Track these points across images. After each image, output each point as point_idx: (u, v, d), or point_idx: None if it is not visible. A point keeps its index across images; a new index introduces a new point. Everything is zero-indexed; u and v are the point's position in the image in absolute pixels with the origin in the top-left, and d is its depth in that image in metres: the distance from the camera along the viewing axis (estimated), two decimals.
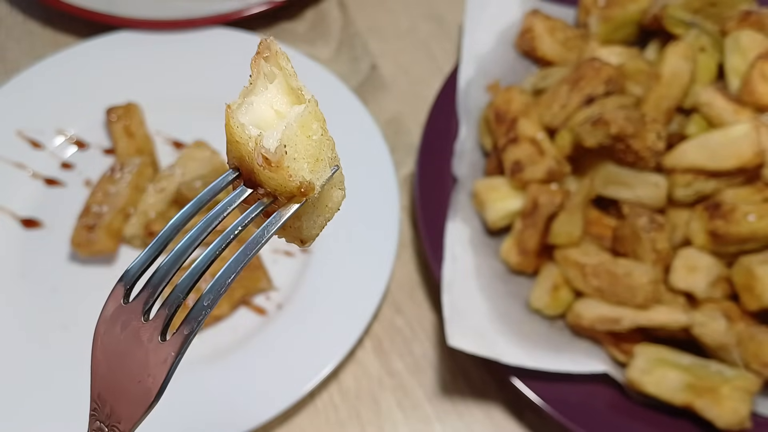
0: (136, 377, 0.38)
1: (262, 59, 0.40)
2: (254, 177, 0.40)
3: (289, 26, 1.25)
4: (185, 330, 0.38)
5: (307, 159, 0.39)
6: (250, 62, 0.41)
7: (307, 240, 0.44)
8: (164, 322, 0.38)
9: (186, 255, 0.39)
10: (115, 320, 0.39)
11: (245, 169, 0.40)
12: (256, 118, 0.40)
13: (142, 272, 0.39)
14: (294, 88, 0.40)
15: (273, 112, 0.40)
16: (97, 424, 0.38)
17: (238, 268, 0.39)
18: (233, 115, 0.39)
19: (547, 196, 0.89)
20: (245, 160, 0.39)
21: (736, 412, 0.78)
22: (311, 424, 0.90)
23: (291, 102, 0.41)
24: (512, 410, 0.92)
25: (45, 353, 0.91)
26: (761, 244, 0.83)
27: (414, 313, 0.98)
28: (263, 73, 0.41)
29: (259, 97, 0.40)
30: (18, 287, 0.97)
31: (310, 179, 0.39)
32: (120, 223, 0.98)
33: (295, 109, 0.40)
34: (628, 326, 0.83)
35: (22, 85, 1.11)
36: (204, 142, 1.05)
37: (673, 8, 0.97)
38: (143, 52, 1.15)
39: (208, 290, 0.38)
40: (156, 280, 0.39)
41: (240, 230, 0.39)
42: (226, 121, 0.39)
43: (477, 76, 1.04)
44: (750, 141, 0.83)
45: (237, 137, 0.39)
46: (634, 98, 0.94)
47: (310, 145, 0.39)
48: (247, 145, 0.39)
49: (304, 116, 0.39)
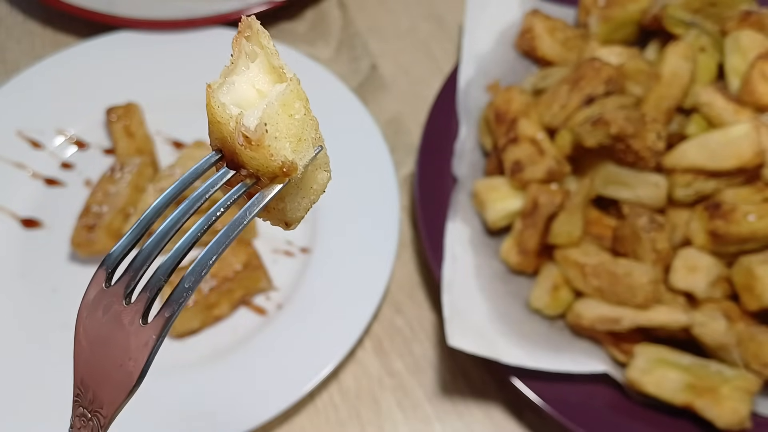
0: (118, 361, 0.37)
1: (243, 38, 0.40)
2: (236, 158, 0.39)
3: (289, 26, 1.25)
4: (166, 312, 0.37)
5: (289, 138, 0.38)
6: (231, 41, 0.40)
7: (291, 222, 0.43)
8: (145, 305, 0.38)
9: (168, 237, 0.38)
10: (97, 304, 0.38)
11: (227, 150, 0.39)
12: (238, 98, 0.39)
13: (124, 256, 0.39)
14: (276, 66, 0.40)
15: (255, 91, 0.40)
16: (80, 410, 0.38)
17: (220, 250, 0.38)
18: (214, 94, 0.39)
19: (547, 196, 0.89)
20: (227, 140, 0.39)
21: (736, 412, 0.78)
22: (311, 424, 0.90)
23: (273, 81, 0.40)
24: (512, 410, 0.92)
25: (45, 353, 0.91)
26: (761, 244, 0.83)
27: (414, 313, 0.98)
28: (244, 53, 0.40)
29: (240, 77, 0.40)
30: (18, 287, 0.97)
31: (292, 159, 0.38)
32: (120, 223, 0.98)
33: (276, 88, 0.39)
34: (628, 326, 0.83)
35: (22, 85, 1.11)
36: (204, 142, 1.05)
37: (673, 8, 0.97)
38: (143, 52, 1.15)
39: (190, 272, 0.38)
40: (137, 263, 0.38)
41: (222, 212, 0.39)
42: (207, 100, 0.39)
43: (477, 76, 1.04)
44: (750, 141, 0.83)
45: (218, 117, 0.38)
46: (634, 98, 0.94)
47: (292, 125, 0.38)
48: (228, 124, 0.38)
49: (285, 95, 0.38)
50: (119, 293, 0.38)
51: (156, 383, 0.36)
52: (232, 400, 0.87)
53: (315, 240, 0.99)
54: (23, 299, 0.96)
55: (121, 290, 0.38)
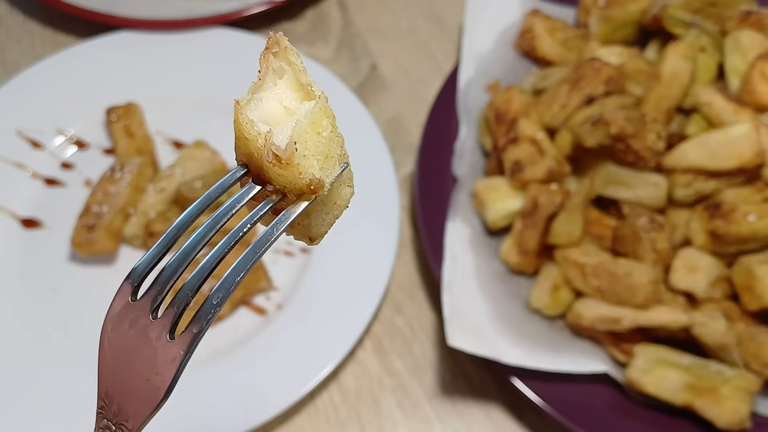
0: (144, 375, 0.37)
1: (271, 54, 0.40)
2: (263, 174, 0.39)
3: (289, 26, 1.25)
4: (194, 329, 0.37)
5: (316, 156, 0.38)
6: (259, 57, 0.40)
7: (315, 237, 0.43)
8: (173, 320, 0.38)
9: (194, 253, 0.39)
10: (122, 318, 0.38)
11: (254, 166, 0.39)
12: (265, 115, 0.39)
13: (150, 270, 0.39)
14: (304, 84, 0.40)
15: (282, 108, 0.40)
16: (104, 422, 0.38)
17: (247, 267, 0.38)
18: (242, 111, 0.39)
19: (547, 196, 0.89)
20: (254, 156, 0.39)
21: (736, 412, 0.78)
22: (311, 424, 0.90)
23: (300, 98, 0.40)
24: (512, 410, 0.92)
25: (45, 353, 0.91)
26: (761, 244, 0.83)
27: (414, 313, 0.98)
28: (272, 69, 0.40)
29: (268, 93, 0.40)
30: (18, 287, 0.97)
31: (320, 177, 0.38)
32: (120, 223, 0.98)
33: (305, 106, 0.39)
34: (628, 326, 0.83)
35: (22, 85, 1.11)
36: (204, 142, 1.05)
37: (673, 8, 0.97)
38: (143, 52, 1.15)
39: (217, 289, 0.38)
40: (164, 278, 0.38)
41: (248, 228, 0.39)
42: (235, 117, 0.39)
43: (477, 76, 1.04)
44: (750, 141, 0.83)
45: (246, 133, 0.38)
46: (634, 98, 0.94)
47: (320, 142, 0.39)
48: (256, 141, 0.38)
49: (314, 113, 0.39)
50: (146, 307, 0.38)
51: None
52: (232, 400, 0.87)
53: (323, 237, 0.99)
54: (23, 299, 0.96)
55: (148, 304, 0.38)
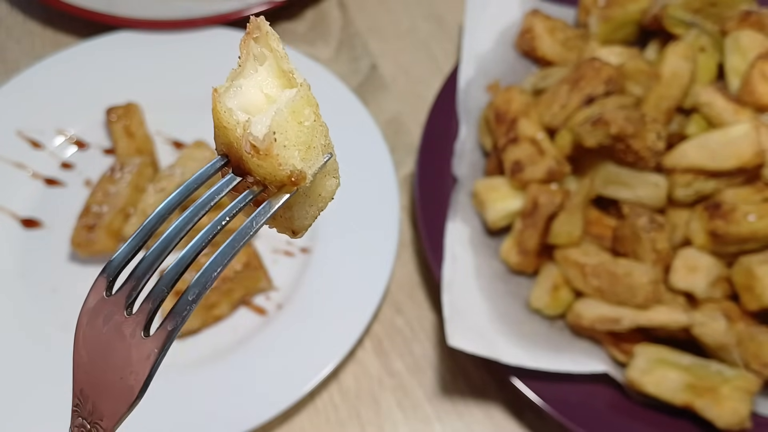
0: (119, 373, 0.36)
1: (252, 40, 0.39)
2: (243, 164, 0.38)
3: (289, 26, 1.25)
4: (168, 326, 0.36)
5: (298, 146, 0.37)
6: (239, 43, 0.39)
7: (298, 230, 0.42)
8: (147, 316, 0.36)
9: (171, 246, 0.37)
10: (97, 313, 0.37)
11: (234, 156, 0.38)
12: (245, 103, 0.38)
13: (126, 263, 0.38)
14: (285, 70, 0.38)
15: (263, 96, 0.38)
16: (79, 420, 0.37)
17: (225, 261, 0.37)
18: (220, 99, 0.37)
19: (547, 196, 0.89)
20: (233, 146, 0.37)
21: (736, 412, 0.78)
22: (311, 424, 0.90)
23: (282, 85, 0.38)
24: (512, 410, 0.92)
25: (45, 353, 0.91)
26: (761, 244, 0.83)
27: (414, 313, 0.98)
28: (253, 55, 0.39)
29: (248, 80, 0.38)
30: (18, 287, 0.97)
31: (301, 168, 0.37)
32: (120, 223, 0.98)
33: (286, 94, 0.38)
34: (628, 326, 0.83)
35: (22, 85, 1.11)
36: (204, 142, 1.05)
37: (673, 8, 0.97)
38: (143, 52, 1.15)
39: (194, 284, 0.36)
40: (140, 272, 0.37)
41: (228, 220, 0.37)
42: (213, 105, 0.37)
43: (477, 76, 1.04)
44: (750, 141, 0.83)
45: (224, 122, 0.37)
46: (634, 98, 0.94)
47: (301, 132, 0.37)
48: (235, 130, 0.37)
49: (295, 101, 0.37)
50: (120, 303, 0.37)
51: (156, 383, 0.36)
52: (232, 400, 0.87)
53: (315, 240, 0.99)
54: (23, 299, 0.96)
55: (123, 300, 0.37)
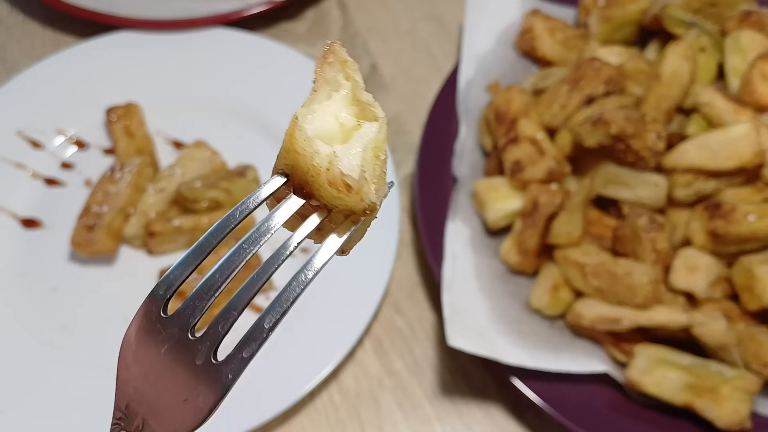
0: (182, 395, 0.35)
1: (327, 65, 0.38)
2: (308, 188, 0.37)
3: (289, 26, 1.25)
4: (244, 353, 0.35)
5: (374, 180, 0.37)
6: (315, 68, 0.39)
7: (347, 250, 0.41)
8: (218, 340, 0.36)
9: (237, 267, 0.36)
10: (153, 332, 0.36)
11: (298, 179, 0.37)
12: (319, 129, 0.38)
13: (182, 283, 0.37)
14: (362, 101, 0.38)
15: (337, 124, 0.38)
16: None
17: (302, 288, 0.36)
18: (300, 126, 0.37)
19: (547, 196, 0.89)
20: (301, 170, 0.37)
21: (736, 412, 0.78)
22: (311, 424, 0.91)
23: (355, 114, 0.39)
24: (512, 410, 0.92)
25: (45, 353, 0.91)
26: (761, 244, 0.83)
27: (414, 313, 0.98)
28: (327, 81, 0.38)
29: (322, 107, 0.38)
30: (18, 287, 0.97)
31: (374, 200, 0.37)
32: (120, 223, 0.98)
33: (368, 128, 0.38)
34: (628, 326, 0.83)
35: (22, 85, 1.11)
36: (204, 142, 1.05)
37: (673, 8, 0.97)
38: (143, 52, 1.15)
39: (268, 311, 0.35)
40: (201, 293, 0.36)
41: (296, 246, 0.37)
42: (291, 131, 0.37)
43: (477, 76, 1.04)
44: (750, 141, 0.83)
45: (299, 148, 0.36)
46: (634, 98, 0.94)
47: (377, 166, 0.37)
48: (311, 158, 0.36)
49: (379, 137, 0.37)
50: (180, 324, 0.36)
51: None
52: (232, 400, 0.86)
53: None
54: (23, 299, 0.96)
55: (185, 321, 0.36)
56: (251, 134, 1.08)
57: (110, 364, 1.00)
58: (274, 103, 1.10)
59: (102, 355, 0.92)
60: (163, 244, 0.98)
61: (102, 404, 0.87)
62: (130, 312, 1.06)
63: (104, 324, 0.94)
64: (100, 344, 0.93)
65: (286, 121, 0.37)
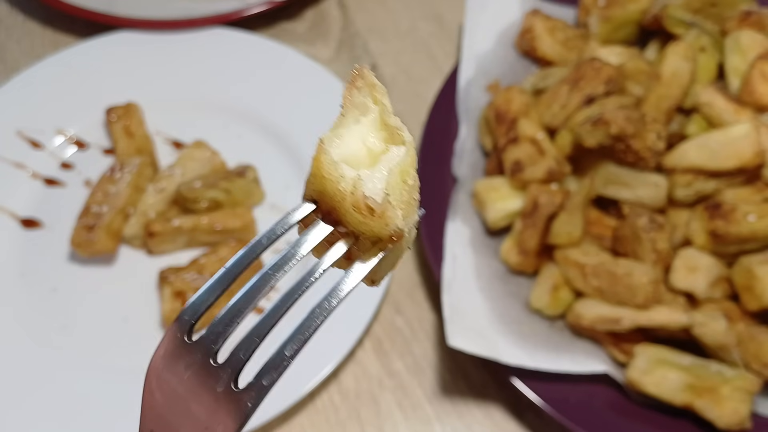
0: (203, 423, 0.35)
1: (355, 89, 0.38)
2: (335, 214, 0.37)
3: (289, 26, 1.25)
4: (265, 381, 0.35)
5: (401, 205, 0.37)
6: (343, 93, 0.38)
7: (377, 280, 0.41)
8: (239, 367, 0.35)
9: (262, 293, 0.36)
10: (177, 357, 0.36)
11: (325, 205, 0.37)
12: (347, 154, 0.37)
13: (207, 308, 0.36)
14: (390, 126, 0.38)
15: (365, 149, 0.38)
16: None
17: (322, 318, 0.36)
18: (327, 150, 0.36)
19: (547, 196, 0.89)
20: (328, 196, 0.36)
21: (736, 412, 0.78)
22: (311, 424, 0.90)
23: (383, 138, 0.38)
24: (512, 410, 0.92)
25: (45, 353, 0.91)
26: (761, 244, 0.83)
27: (414, 313, 0.98)
28: (356, 105, 0.38)
29: (349, 131, 0.38)
30: (18, 287, 0.97)
31: (401, 226, 0.36)
32: (120, 223, 0.98)
33: (395, 153, 0.37)
34: (628, 326, 0.83)
35: (22, 85, 1.11)
36: (204, 142, 1.05)
37: (673, 8, 0.97)
38: (143, 52, 1.15)
39: (290, 339, 0.35)
40: (225, 319, 0.36)
41: (322, 273, 0.37)
42: (317, 155, 0.36)
43: (477, 76, 1.04)
44: (750, 141, 0.83)
45: (326, 173, 0.36)
46: (634, 98, 0.94)
47: (405, 191, 0.37)
48: (337, 183, 0.36)
49: (405, 162, 0.37)
50: (204, 350, 0.36)
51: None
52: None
53: None
54: (23, 299, 0.96)
55: (206, 347, 0.36)
56: (251, 134, 1.08)
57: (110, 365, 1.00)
58: (274, 103, 1.10)
59: (102, 356, 0.92)
60: (162, 244, 0.98)
61: (102, 404, 0.88)
62: (130, 312, 1.07)
63: (104, 324, 0.94)
64: (100, 344, 0.93)
65: (286, 121, 0.37)
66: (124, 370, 0.90)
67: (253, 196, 1.02)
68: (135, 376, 0.89)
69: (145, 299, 0.96)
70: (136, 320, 0.94)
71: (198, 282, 0.92)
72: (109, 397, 0.88)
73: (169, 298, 0.91)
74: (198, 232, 0.98)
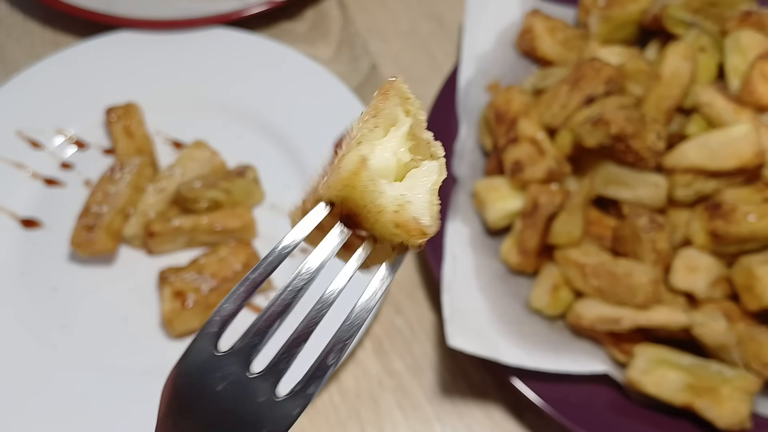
0: None
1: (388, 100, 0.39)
2: (356, 219, 0.37)
3: (289, 26, 1.25)
4: (309, 389, 0.35)
5: (430, 213, 0.38)
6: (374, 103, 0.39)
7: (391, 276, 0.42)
8: (280, 377, 0.36)
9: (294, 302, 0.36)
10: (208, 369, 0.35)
11: (347, 209, 0.37)
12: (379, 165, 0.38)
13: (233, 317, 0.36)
14: (423, 139, 0.39)
15: (395, 160, 0.38)
16: None
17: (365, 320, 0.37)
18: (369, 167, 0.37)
19: (547, 196, 0.89)
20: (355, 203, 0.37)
21: (736, 412, 0.78)
22: (311, 424, 0.90)
23: (410, 149, 0.39)
24: (512, 410, 0.92)
25: (45, 353, 0.91)
26: (761, 244, 0.83)
27: (414, 313, 0.98)
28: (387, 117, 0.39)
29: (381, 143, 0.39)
30: (18, 287, 0.97)
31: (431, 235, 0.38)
32: (120, 224, 0.98)
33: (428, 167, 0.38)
34: (628, 326, 0.83)
35: (22, 85, 1.11)
36: (204, 142, 1.05)
37: (673, 8, 0.97)
38: (143, 52, 1.15)
39: (331, 349, 0.36)
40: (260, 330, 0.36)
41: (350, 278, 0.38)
42: (356, 170, 0.37)
43: (477, 76, 1.04)
44: (750, 141, 0.83)
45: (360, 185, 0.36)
46: (634, 98, 0.94)
47: (435, 206, 0.38)
48: (373, 197, 0.36)
49: (440, 178, 0.38)
50: (238, 361, 0.35)
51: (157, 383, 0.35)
52: None
53: None
54: (23, 299, 0.96)
55: (245, 359, 0.36)
56: (251, 134, 1.08)
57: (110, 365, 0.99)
58: (273, 103, 1.10)
59: (102, 356, 0.92)
60: (162, 244, 0.98)
61: (102, 404, 0.88)
62: (129, 312, 1.07)
63: (104, 324, 0.94)
64: (100, 344, 0.93)
65: (286, 121, 0.37)
66: (124, 370, 0.90)
67: (253, 196, 1.02)
68: (135, 376, 0.90)
69: (145, 299, 0.96)
70: (136, 320, 0.94)
71: (198, 282, 0.92)
72: (109, 397, 0.88)
73: (169, 298, 0.91)
74: (198, 232, 0.98)
